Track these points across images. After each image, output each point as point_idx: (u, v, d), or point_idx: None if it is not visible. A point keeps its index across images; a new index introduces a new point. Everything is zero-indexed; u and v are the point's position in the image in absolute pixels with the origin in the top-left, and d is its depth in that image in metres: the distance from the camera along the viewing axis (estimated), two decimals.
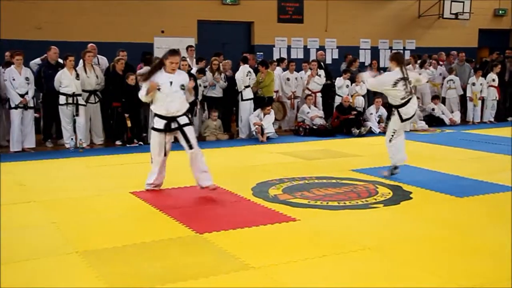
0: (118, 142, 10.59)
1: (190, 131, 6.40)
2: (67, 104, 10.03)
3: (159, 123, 6.37)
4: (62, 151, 9.93)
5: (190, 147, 6.32)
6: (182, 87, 6.31)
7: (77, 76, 10.10)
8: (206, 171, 6.39)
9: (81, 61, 10.57)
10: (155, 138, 6.47)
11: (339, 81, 12.96)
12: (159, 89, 6.24)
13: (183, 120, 6.37)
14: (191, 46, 12.63)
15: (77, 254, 4.44)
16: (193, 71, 11.20)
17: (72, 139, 10.03)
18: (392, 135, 7.42)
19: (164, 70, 6.31)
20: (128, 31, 13.72)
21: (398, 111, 7.31)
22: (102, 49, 11.61)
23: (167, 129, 6.34)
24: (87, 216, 5.63)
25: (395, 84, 7.18)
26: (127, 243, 4.71)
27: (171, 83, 6.25)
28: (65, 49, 10.68)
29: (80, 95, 10.15)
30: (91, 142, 10.66)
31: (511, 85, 14.67)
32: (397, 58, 7.38)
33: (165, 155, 6.52)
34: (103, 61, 11.37)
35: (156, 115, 6.44)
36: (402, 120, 7.35)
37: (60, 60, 10.45)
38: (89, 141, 10.54)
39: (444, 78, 14.53)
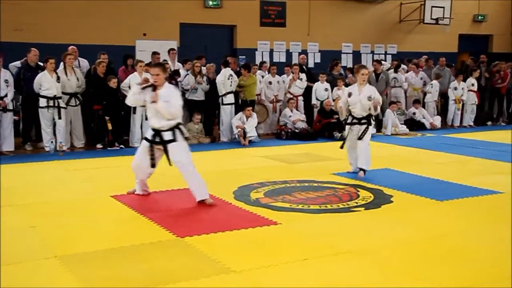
0: (99, 146, 10.51)
1: (174, 148, 6.08)
2: (47, 107, 9.92)
3: (148, 133, 6.30)
4: (42, 154, 9.82)
5: (169, 163, 6.20)
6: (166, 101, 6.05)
7: (58, 78, 10.01)
8: (195, 187, 6.13)
9: (61, 63, 10.48)
10: (141, 146, 6.39)
11: (316, 85, 13.01)
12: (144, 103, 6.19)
13: (167, 136, 6.10)
14: (172, 49, 12.61)
15: (56, 259, 4.39)
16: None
17: (52, 142, 9.93)
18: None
19: None
20: (110, 33, 13.64)
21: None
22: (83, 52, 11.52)
23: (150, 141, 6.20)
24: (66, 220, 5.57)
25: None
26: (107, 247, 4.67)
27: None
28: (45, 51, 10.57)
29: (61, 97, 10.05)
30: (72, 145, 10.56)
31: (487, 89, 14.87)
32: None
33: (152, 166, 6.29)
34: (84, 63, 11.29)
35: None
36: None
37: (40, 63, 10.35)
38: (69, 144, 10.44)
39: (425, 82, 14.65)
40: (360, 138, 7.76)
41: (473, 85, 14.23)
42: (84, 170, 8.38)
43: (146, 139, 6.27)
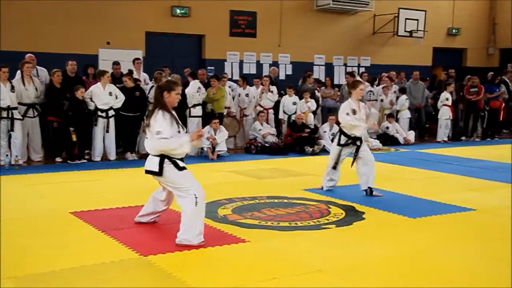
0: (58, 159, 10.39)
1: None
2: (1, 118, 9.77)
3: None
4: None
5: None
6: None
7: (12, 88, 9.86)
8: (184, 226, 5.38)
9: (18, 72, 10.35)
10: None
11: (284, 99, 13.13)
12: None
13: (148, 165, 5.52)
14: (137, 59, 12.57)
15: (10, 280, 4.32)
16: None
17: (7, 155, 9.76)
18: None
19: None
20: (71, 41, 13.55)
21: None
22: (42, 60, 11.42)
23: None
24: (22, 239, 5.49)
25: None
26: (65, 266, 4.62)
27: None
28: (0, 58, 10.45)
29: (16, 108, 9.92)
30: (29, 159, 10.42)
31: (458, 104, 15.20)
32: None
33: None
34: (43, 73, 11.16)
35: None
36: None
37: None
38: (26, 158, 10.30)
39: (398, 97, 14.91)
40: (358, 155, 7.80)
41: (447, 99, 14.53)
42: (42, 185, 8.27)
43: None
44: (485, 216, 6.67)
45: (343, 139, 7.85)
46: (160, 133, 5.26)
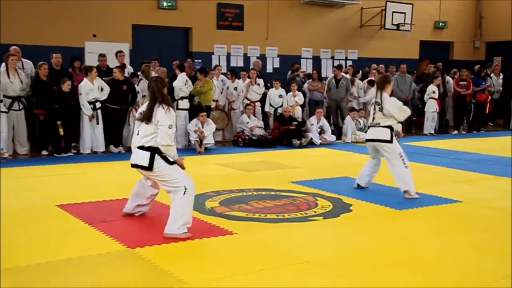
0: (44, 152, 10.34)
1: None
2: None
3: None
4: None
5: None
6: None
7: None
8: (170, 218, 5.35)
9: (3, 64, 10.27)
10: None
11: (270, 92, 13.12)
12: None
13: (136, 160, 5.47)
14: (120, 52, 12.44)
15: None
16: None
17: None
18: (403, 159, 7.27)
19: None
20: (57, 34, 13.44)
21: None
22: (27, 53, 11.32)
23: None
24: (8, 232, 5.45)
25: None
26: (52, 259, 4.60)
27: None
28: None
29: (1, 101, 9.84)
30: (14, 152, 10.35)
31: (444, 97, 15.27)
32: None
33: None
34: (28, 65, 11.07)
35: None
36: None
37: None
38: (12, 151, 10.23)
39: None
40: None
41: (434, 92, 14.60)
42: (28, 178, 8.22)
43: None
44: (471, 208, 6.72)
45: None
46: (171, 127, 5.28)
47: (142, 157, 5.34)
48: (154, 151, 5.31)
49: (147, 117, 5.33)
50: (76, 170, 8.92)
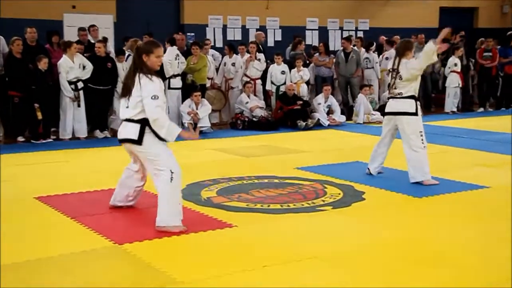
0: (20, 139, 10.34)
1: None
2: None
3: None
4: None
5: None
6: None
7: None
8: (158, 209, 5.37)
9: None
10: None
11: (271, 68, 13.07)
12: None
13: (125, 133, 5.46)
14: (93, 26, 12.36)
15: None
16: None
17: None
18: (422, 138, 7.16)
19: None
20: (32, 5, 13.38)
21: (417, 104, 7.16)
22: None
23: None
24: None
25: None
26: (31, 258, 4.61)
27: None
28: None
29: None
30: None
31: (468, 70, 15.17)
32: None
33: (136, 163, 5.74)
34: (1, 41, 11.04)
35: None
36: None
37: None
38: None
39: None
40: None
41: (455, 65, 14.51)
42: (3, 167, 8.21)
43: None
44: (500, 194, 6.65)
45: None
46: (157, 98, 5.15)
47: (131, 130, 5.31)
48: (144, 123, 5.26)
49: (127, 90, 5.28)
50: (56, 158, 8.91)
